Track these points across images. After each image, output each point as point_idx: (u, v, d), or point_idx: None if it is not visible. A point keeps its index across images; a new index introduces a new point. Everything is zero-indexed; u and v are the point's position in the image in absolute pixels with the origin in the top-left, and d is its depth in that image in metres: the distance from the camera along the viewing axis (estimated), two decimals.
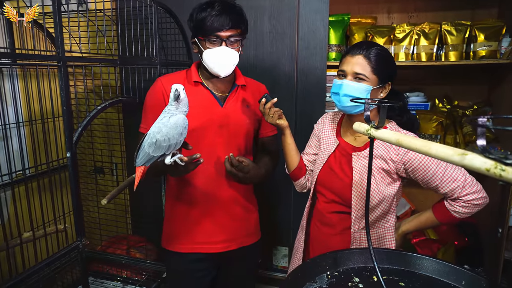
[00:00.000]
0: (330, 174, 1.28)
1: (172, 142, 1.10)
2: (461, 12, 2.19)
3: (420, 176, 1.15)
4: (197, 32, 1.32)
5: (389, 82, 1.20)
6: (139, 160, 1.10)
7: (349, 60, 1.19)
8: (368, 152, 1.18)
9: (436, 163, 1.12)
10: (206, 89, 1.40)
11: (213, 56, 1.31)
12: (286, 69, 2.06)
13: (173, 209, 1.47)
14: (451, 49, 1.97)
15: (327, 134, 1.37)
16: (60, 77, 1.03)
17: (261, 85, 1.55)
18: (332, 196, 1.26)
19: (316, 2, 1.95)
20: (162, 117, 1.11)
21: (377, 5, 2.34)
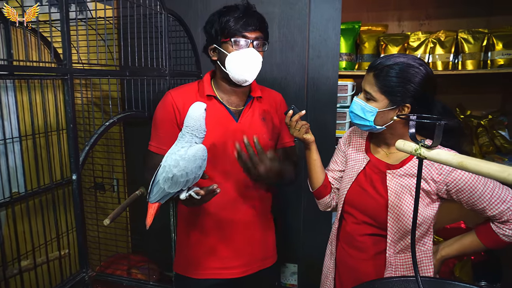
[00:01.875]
0: (360, 193, 1.18)
1: (191, 177, 1.00)
2: (475, 19, 2.12)
3: (465, 198, 1.06)
4: (219, 35, 1.23)
5: (408, 104, 1.07)
6: (153, 196, 0.99)
7: (366, 76, 1.12)
8: (405, 171, 1.11)
9: (484, 183, 1.03)
10: (220, 103, 1.31)
11: (239, 59, 1.21)
12: (296, 79, 1.98)
13: (187, 233, 1.37)
14: (468, 58, 1.90)
15: (355, 150, 1.28)
16: (66, 91, 0.93)
17: (278, 95, 1.46)
18: (363, 218, 1.17)
19: (328, 10, 1.87)
20: (179, 147, 1.00)
21: (387, 12, 2.28)
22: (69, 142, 0.96)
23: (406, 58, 1.07)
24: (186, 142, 1.01)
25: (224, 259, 1.33)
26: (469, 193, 1.04)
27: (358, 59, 2.17)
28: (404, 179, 1.11)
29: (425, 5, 2.21)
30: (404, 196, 1.10)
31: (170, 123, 1.27)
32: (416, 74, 1.05)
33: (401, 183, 1.11)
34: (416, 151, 0.77)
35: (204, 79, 1.34)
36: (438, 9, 2.20)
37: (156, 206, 1.01)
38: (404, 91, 1.05)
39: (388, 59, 1.08)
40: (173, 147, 1.01)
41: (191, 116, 1.02)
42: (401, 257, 1.12)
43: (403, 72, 1.05)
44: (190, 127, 1.01)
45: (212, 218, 1.31)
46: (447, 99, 2.22)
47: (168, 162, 0.98)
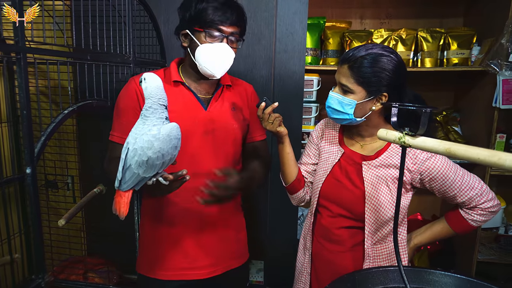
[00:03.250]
0: (336, 186, 1.17)
1: (166, 159, 0.92)
2: (431, 20, 2.23)
3: (438, 186, 1.08)
4: (194, 22, 1.15)
5: (385, 93, 1.07)
6: (125, 183, 0.90)
7: (339, 69, 1.11)
8: (380, 161, 1.12)
9: (454, 171, 1.07)
10: (187, 89, 1.24)
11: (210, 52, 1.15)
12: (263, 73, 1.95)
13: (151, 230, 1.28)
14: (426, 56, 1.99)
15: (328, 142, 1.27)
16: (19, 73, 0.81)
17: (249, 86, 1.42)
18: (339, 210, 1.16)
19: (295, 3, 1.86)
20: (150, 126, 0.91)
21: (350, 10, 2.33)
22: (23, 131, 0.84)
23: (378, 48, 1.08)
24: (158, 119, 0.92)
25: (191, 258, 1.26)
26: (441, 181, 1.07)
27: (322, 54, 2.19)
28: (380, 169, 1.12)
29: (385, 5, 2.28)
30: (380, 187, 1.10)
31: (134, 111, 1.18)
32: (389, 62, 1.06)
33: (377, 174, 1.12)
34: (400, 139, 0.77)
35: (171, 66, 1.26)
36: (398, 9, 2.28)
37: (129, 193, 0.93)
38: (380, 80, 1.05)
39: (360, 50, 1.07)
40: (140, 127, 0.92)
41: (156, 86, 0.93)
42: (378, 248, 1.13)
43: (377, 62, 1.05)
44: (156, 97, 0.93)
45: (178, 213, 1.24)
46: None
47: (140, 144, 0.89)
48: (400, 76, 1.08)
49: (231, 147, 1.28)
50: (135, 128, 0.93)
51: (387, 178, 1.10)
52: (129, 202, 0.93)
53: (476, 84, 2.04)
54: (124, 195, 0.92)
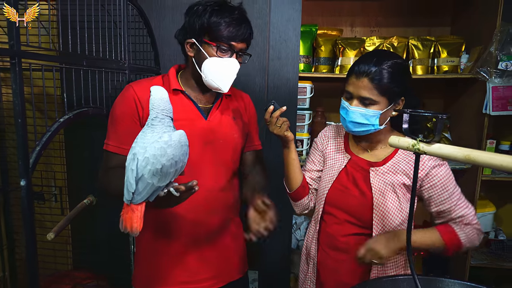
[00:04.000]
0: (342, 193, 1.15)
1: (179, 166, 0.89)
2: (419, 29, 2.27)
3: (436, 195, 1.08)
4: (204, 34, 1.12)
5: (402, 97, 1.11)
6: (139, 194, 0.85)
7: (355, 82, 1.09)
8: (388, 168, 1.12)
9: (454, 185, 1.08)
10: (188, 99, 1.20)
11: (220, 67, 1.12)
12: (257, 80, 1.93)
13: (149, 242, 1.22)
14: (417, 63, 2.02)
15: (334, 149, 1.25)
16: (13, 78, 0.76)
17: (246, 95, 1.40)
18: (346, 217, 1.14)
19: (288, 10, 1.86)
20: (160, 133, 0.88)
21: (341, 18, 2.35)
22: (17, 141, 0.79)
23: (388, 56, 1.09)
24: (167, 127, 0.90)
25: (192, 271, 1.21)
26: (440, 190, 1.08)
27: (314, 62, 2.19)
28: (388, 176, 1.11)
29: (375, 13, 2.31)
30: (388, 193, 1.10)
31: (131, 119, 1.14)
32: (404, 68, 1.09)
33: (384, 180, 1.11)
34: (414, 146, 0.76)
35: (169, 73, 1.23)
36: (387, 18, 2.31)
37: (143, 206, 0.87)
38: (398, 88, 1.07)
39: (375, 62, 1.06)
40: (149, 135, 0.88)
41: (160, 98, 0.91)
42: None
43: (397, 70, 1.07)
44: (160, 108, 0.91)
45: (177, 225, 1.19)
46: None
47: (152, 152, 0.85)
48: (409, 78, 1.12)
49: (231, 157, 1.26)
50: (142, 137, 0.89)
51: (394, 184, 1.10)
52: (143, 215, 0.88)
53: (465, 91, 2.08)
54: (137, 209, 0.86)
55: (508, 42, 1.77)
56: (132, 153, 0.87)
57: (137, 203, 0.85)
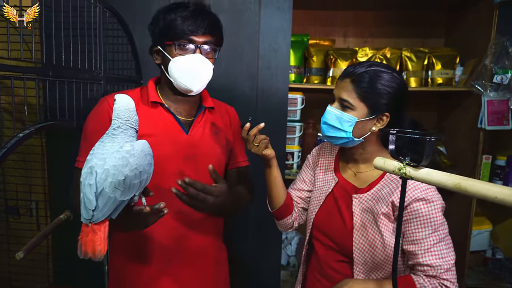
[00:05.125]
0: (328, 218, 1.07)
1: (144, 177, 0.83)
2: (413, 40, 2.23)
3: (410, 231, 0.94)
4: (163, 36, 1.07)
5: (387, 113, 1.00)
6: (101, 211, 0.77)
7: (339, 83, 1.03)
8: (372, 195, 1.00)
9: (435, 228, 0.92)
10: (167, 112, 1.14)
11: (184, 65, 1.06)
12: (245, 90, 1.87)
13: (122, 267, 1.14)
14: (411, 75, 1.96)
15: (324, 169, 1.17)
16: None
17: (231, 108, 1.33)
18: (330, 243, 1.06)
19: (278, 20, 1.81)
20: (122, 143, 0.81)
21: (333, 28, 2.30)
22: None
23: (382, 66, 1.01)
24: (130, 137, 0.84)
25: None
26: (415, 228, 0.93)
27: (306, 72, 2.13)
28: (371, 204, 1.01)
29: (368, 24, 2.27)
30: (369, 224, 1.00)
31: None
32: (393, 80, 0.99)
33: (367, 209, 1.01)
34: (400, 170, 0.69)
35: (148, 85, 1.16)
36: (380, 28, 2.26)
37: (106, 226, 0.79)
38: (383, 98, 0.98)
39: (363, 65, 1.01)
40: (109, 145, 0.81)
41: (129, 109, 0.86)
42: None
43: (381, 78, 0.98)
44: (124, 118, 0.85)
45: (152, 247, 1.11)
46: None
47: (112, 163, 0.78)
48: (403, 97, 1.02)
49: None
50: (101, 147, 0.81)
51: (376, 214, 0.98)
52: (106, 236, 0.79)
53: (460, 104, 2.03)
54: (99, 229, 0.78)
55: (503, 55, 1.72)
56: (88, 166, 0.79)
57: (98, 221, 0.77)
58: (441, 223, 0.93)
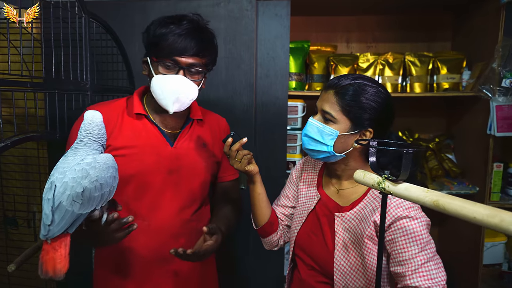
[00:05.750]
0: (309, 238, 1.02)
1: (105, 190, 0.80)
2: (418, 44, 2.16)
3: (395, 252, 0.87)
4: (151, 51, 1.04)
5: (370, 129, 0.95)
6: (57, 225, 0.74)
7: (322, 95, 0.99)
8: (355, 214, 0.95)
9: (422, 246, 0.86)
10: (152, 124, 1.11)
11: (163, 85, 1.02)
12: (244, 99, 1.83)
13: (105, 280, 1.12)
14: (415, 80, 1.89)
15: (307, 185, 1.12)
16: None
17: (222, 119, 1.30)
18: (312, 263, 1.01)
19: (276, 27, 1.78)
20: (84, 155, 0.80)
21: (336, 33, 2.25)
22: None
23: (367, 78, 0.96)
24: (93, 150, 0.83)
25: None
26: (400, 248, 0.87)
27: (308, 79, 2.09)
28: (353, 224, 0.95)
29: (371, 28, 2.21)
30: (352, 245, 0.94)
31: None
32: (377, 95, 0.94)
33: (349, 229, 0.95)
34: (379, 184, 0.64)
35: (133, 96, 1.14)
36: (384, 33, 2.20)
37: (66, 241, 0.76)
38: (366, 112, 0.93)
39: (347, 77, 0.96)
40: (70, 158, 0.80)
41: (94, 123, 0.85)
42: None
43: (366, 92, 0.93)
44: (90, 133, 0.84)
45: (134, 261, 1.09)
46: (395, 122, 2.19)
47: (71, 175, 0.76)
48: (388, 112, 0.97)
49: (198, 187, 1.15)
50: (63, 161, 0.80)
51: (359, 235, 0.92)
52: (67, 254, 0.76)
53: (468, 109, 1.94)
54: (59, 246, 0.75)
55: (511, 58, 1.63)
56: (50, 181, 0.77)
57: (54, 236, 0.74)
58: (427, 241, 0.86)
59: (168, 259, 1.09)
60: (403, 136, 2.14)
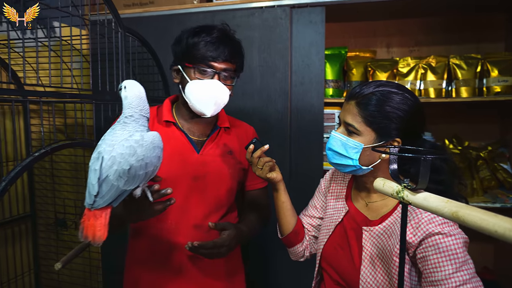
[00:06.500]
0: (336, 251, 0.98)
1: (150, 169, 0.80)
2: (466, 46, 2.02)
3: (427, 271, 0.80)
4: (184, 58, 1.09)
5: (398, 139, 0.89)
6: (102, 197, 0.75)
7: (344, 106, 0.94)
8: (384, 229, 0.89)
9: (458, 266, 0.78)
10: (179, 131, 1.15)
11: (200, 89, 1.07)
12: (278, 107, 1.83)
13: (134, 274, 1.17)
14: (462, 85, 1.77)
15: (335, 196, 1.08)
16: None
17: (249, 128, 1.31)
18: (338, 278, 0.97)
19: (311, 34, 1.76)
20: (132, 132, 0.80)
21: (375, 38, 2.18)
22: None
23: (391, 85, 0.91)
24: (141, 126, 0.82)
25: None
26: (433, 268, 0.79)
27: (346, 86, 2.04)
28: (382, 239, 0.89)
29: (414, 32, 2.11)
30: (379, 262, 0.88)
31: None
32: (404, 102, 0.88)
33: (377, 245, 0.89)
34: (398, 193, 0.60)
35: (164, 104, 1.19)
36: (428, 36, 2.09)
37: (107, 213, 0.78)
38: (393, 123, 0.87)
39: (370, 86, 0.91)
40: (119, 133, 0.79)
41: (137, 96, 0.84)
42: None
43: (390, 100, 0.87)
44: (137, 107, 0.83)
45: (163, 265, 1.12)
46: (441, 129, 2.06)
47: (119, 151, 0.76)
48: (417, 120, 0.90)
49: (224, 194, 1.16)
50: (111, 134, 0.80)
51: (387, 251, 0.86)
52: (107, 223, 0.77)
53: None
54: (100, 215, 0.76)
55: None
56: (97, 151, 0.78)
57: (99, 207, 0.75)
58: (464, 260, 0.78)
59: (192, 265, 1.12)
60: (450, 144, 2.00)
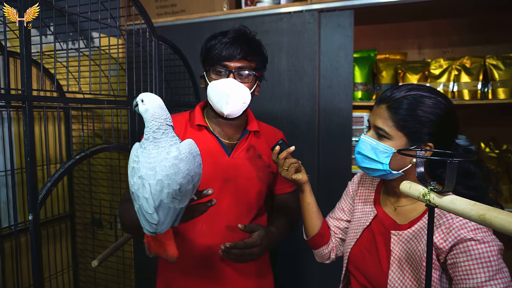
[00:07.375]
0: (363, 255, 0.97)
1: (196, 180, 0.80)
2: (503, 46, 1.93)
3: (458, 278, 0.79)
4: (204, 62, 1.16)
5: (430, 143, 0.88)
6: (163, 223, 0.75)
7: (375, 109, 0.94)
8: (413, 233, 0.87)
9: (491, 274, 0.76)
10: (211, 134, 1.18)
11: (216, 88, 1.11)
12: (307, 110, 1.84)
13: (165, 277, 1.20)
14: (499, 86, 1.70)
15: (364, 199, 1.07)
16: (24, 120, 0.83)
17: (278, 132, 1.33)
18: (366, 283, 0.96)
19: (339, 38, 1.76)
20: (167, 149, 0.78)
21: (406, 40, 2.13)
22: (27, 178, 0.85)
23: (423, 89, 0.90)
24: (172, 138, 0.79)
25: None
26: (464, 275, 0.77)
27: (375, 89, 2.01)
28: (411, 244, 0.88)
29: (447, 32, 2.05)
30: (408, 267, 0.87)
31: None
32: (436, 106, 0.86)
33: (406, 249, 0.88)
34: (424, 196, 0.59)
35: (195, 109, 1.24)
36: (462, 36, 2.03)
37: (170, 233, 0.81)
38: (426, 127, 0.86)
39: (401, 89, 0.90)
40: (154, 152, 0.76)
41: (159, 106, 0.80)
42: None
43: (422, 104, 0.86)
44: (162, 117, 0.79)
45: (195, 267, 1.15)
46: (477, 132, 1.99)
47: (163, 172, 0.74)
48: (449, 124, 0.88)
49: (254, 197, 1.18)
50: (146, 155, 0.77)
51: (416, 257, 0.84)
52: (173, 239, 0.82)
53: None
54: (165, 238, 0.80)
55: None
56: (138, 176, 0.76)
57: (163, 232, 0.77)
58: (498, 268, 0.76)
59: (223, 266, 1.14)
60: (486, 148, 1.92)
